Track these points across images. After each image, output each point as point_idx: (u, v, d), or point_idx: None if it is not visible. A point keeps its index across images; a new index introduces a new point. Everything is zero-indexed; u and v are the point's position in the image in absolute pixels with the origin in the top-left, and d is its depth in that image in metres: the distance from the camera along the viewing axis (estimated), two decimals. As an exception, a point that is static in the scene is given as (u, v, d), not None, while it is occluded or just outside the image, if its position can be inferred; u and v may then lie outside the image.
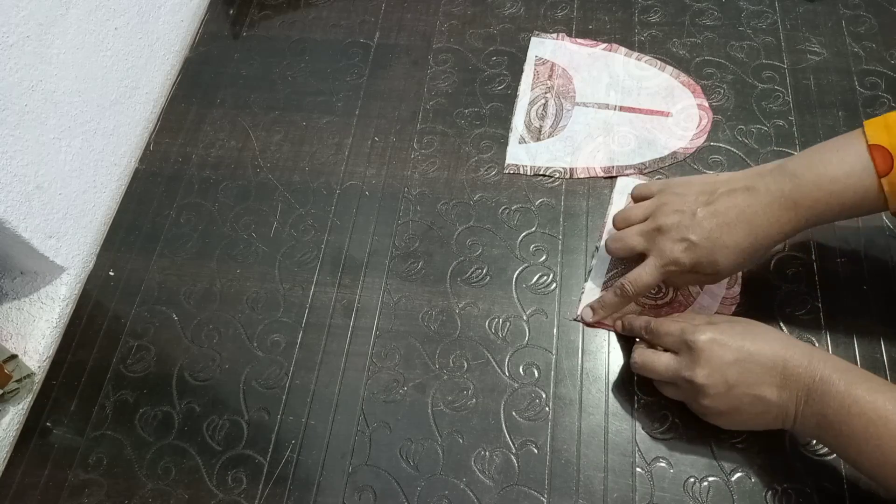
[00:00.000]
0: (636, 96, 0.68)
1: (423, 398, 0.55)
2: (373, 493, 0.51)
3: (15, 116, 0.54)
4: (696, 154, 0.64)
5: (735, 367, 0.46)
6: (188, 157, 0.69)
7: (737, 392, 0.46)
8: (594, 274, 0.59)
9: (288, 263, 0.62)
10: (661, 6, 0.74)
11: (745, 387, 0.46)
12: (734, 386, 0.46)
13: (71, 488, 0.53)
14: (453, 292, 0.59)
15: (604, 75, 0.69)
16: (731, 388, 0.46)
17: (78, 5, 0.60)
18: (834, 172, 0.46)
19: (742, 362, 0.46)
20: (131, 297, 0.61)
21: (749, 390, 0.46)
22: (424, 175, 0.66)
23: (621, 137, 0.65)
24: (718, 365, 0.46)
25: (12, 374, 0.55)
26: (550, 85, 0.69)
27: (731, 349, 0.46)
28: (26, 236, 0.56)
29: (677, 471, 0.50)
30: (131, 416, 0.56)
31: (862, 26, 0.71)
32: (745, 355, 0.46)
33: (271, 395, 0.56)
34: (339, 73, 0.73)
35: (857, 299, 0.56)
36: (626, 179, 0.63)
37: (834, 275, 0.57)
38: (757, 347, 0.46)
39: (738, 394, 0.46)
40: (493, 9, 0.76)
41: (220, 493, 0.52)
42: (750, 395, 0.46)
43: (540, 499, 0.50)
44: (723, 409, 0.47)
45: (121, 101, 0.67)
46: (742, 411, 0.47)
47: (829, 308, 0.56)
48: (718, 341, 0.47)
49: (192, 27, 0.77)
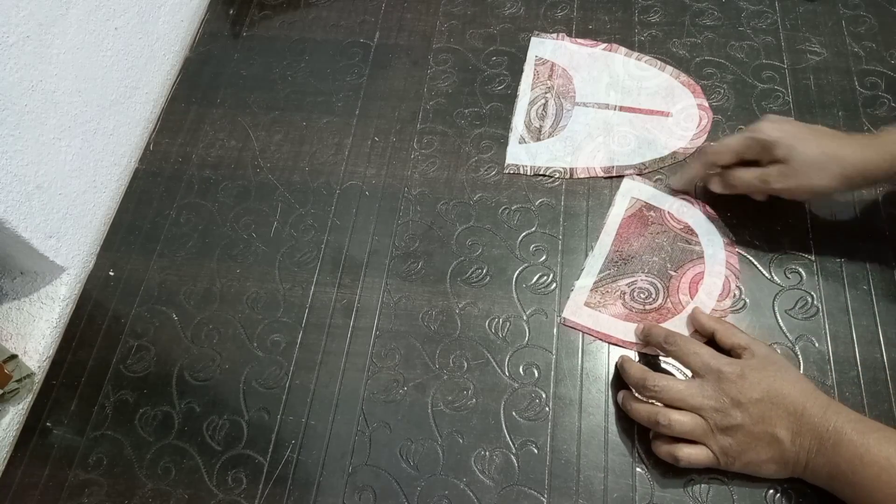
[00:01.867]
0: (636, 96, 0.68)
1: (423, 398, 0.55)
2: (373, 493, 0.51)
3: (15, 116, 0.54)
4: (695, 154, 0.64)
5: (759, 405, 0.46)
6: (188, 157, 0.69)
7: (757, 430, 0.46)
8: (587, 272, 0.59)
9: (288, 263, 0.62)
10: (661, 6, 0.74)
11: (765, 425, 0.46)
12: (756, 423, 0.46)
13: (71, 488, 0.53)
14: (453, 292, 0.59)
15: (604, 75, 0.69)
16: (754, 425, 0.46)
17: (78, 5, 0.60)
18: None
19: (766, 402, 0.46)
20: (131, 297, 0.61)
21: (768, 429, 0.46)
22: (424, 175, 0.66)
23: (621, 137, 0.65)
24: (745, 399, 0.46)
25: (12, 374, 0.55)
26: (550, 85, 0.69)
27: (759, 387, 0.46)
28: (26, 236, 0.56)
29: (677, 471, 0.50)
30: (131, 416, 0.56)
31: (862, 26, 0.71)
32: (771, 395, 0.46)
33: (271, 395, 0.56)
34: (339, 73, 0.73)
35: (858, 299, 0.56)
36: (631, 182, 0.63)
37: (834, 274, 0.57)
38: (783, 390, 0.46)
39: (758, 432, 0.46)
40: (493, 9, 0.76)
41: (220, 493, 0.52)
42: (768, 435, 0.46)
43: (540, 499, 0.50)
44: (738, 446, 0.47)
45: (121, 101, 0.67)
46: (758, 451, 0.46)
47: (829, 308, 0.56)
48: (748, 377, 0.47)
49: (192, 27, 0.77)
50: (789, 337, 0.55)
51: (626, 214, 0.61)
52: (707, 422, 0.47)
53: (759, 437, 0.46)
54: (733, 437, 0.47)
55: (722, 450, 0.47)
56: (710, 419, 0.47)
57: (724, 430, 0.47)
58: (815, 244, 0.58)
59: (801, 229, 0.59)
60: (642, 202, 0.61)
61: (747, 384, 0.47)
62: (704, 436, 0.47)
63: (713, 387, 0.47)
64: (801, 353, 0.54)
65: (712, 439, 0.47)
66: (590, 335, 0.56)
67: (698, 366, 0.49)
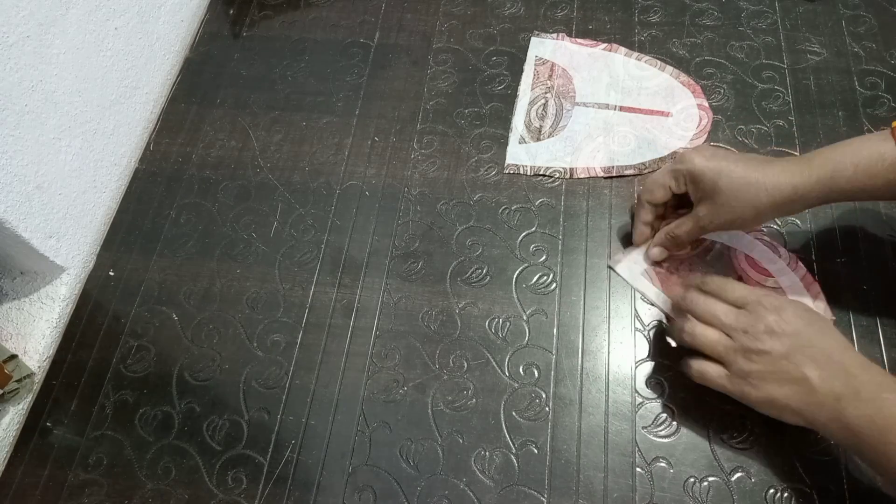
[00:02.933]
0: (636, 96, 0.68)
1: (423, 398, 0.55)
2: (373, 493, 0.51)
3: (15, 116, 0.54)
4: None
5: (794, 339, 0.45)
6: (188, 157, 0.69)
7: (784, 364, 0.44)
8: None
9: (288, 263, 0.62)
10: (661, 6, 0.74)
11: (795, 360, 0.44)
12: (786, 355, 0.44)
13: (71, 488, 0.53)
14: (453, 292, 0.59)
15: (604, 75, 0.69)
16: (782, 357, 0.44)
17: (78, 5, 0.60)
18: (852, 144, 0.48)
19: (801, 337, 0.45)
20: (131, 297, 0.61)
21: (797, 365, 0.44)
22: (424, 175, 0.66)
23: (621, 137, 0.65)
24: (779, 330, 0.45)
25: (12, 374, 0.55)
26: (550, 85, 0.69)
27: (797, 323, 0.45)
28: (26, 236, 0.56)
29: (677, 471, 0.50)
30: (131, 416, 0.56)
31: (862, 26, 0.71)
32: (809, 333, 0.45)
33: (271, 395, 0.56)
34: (339, 73, 0.73)
35: (858, 299, 0.56)
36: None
37: (834, 275, 0.57)
38: (823, 333, 0.45)
39: (785, 365, 0.44)
40: (493, 9, 0.76)
41: (220, 493, 0.52)
42: (796, 371, 0.44)
43: (540, 499, 0.50)
44: (761, 375, 0.45)
45: (121, 101, 0.67)
46: (781, 386, 0.45)
47: (830, 308, 0.56)
48: (788, 310, 0.46)
49: (192, 27, 0.77)
50: (789, 337, 0.55)
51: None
52: (734, 342, 0.46)
53: (785, 371, 0.44)
54: (758, 363, 0.45)
55: (742, 374, 0.46)
56: (737, 339, 0.46)
57: (750, 353, 0.45)
58: (815, 244, 0.58)
59: (802, 230, 0.59)
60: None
61: (786, 316, 0.45)
62: (727, 353, 0.46)
63: (750, 313, 0.47)
64: (801, 353, 0.54)
65: (734, 359, 0.46)
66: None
67: (737, 296, 0.48)
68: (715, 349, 0.47)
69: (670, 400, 0.53)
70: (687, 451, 0.51)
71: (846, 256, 0.58)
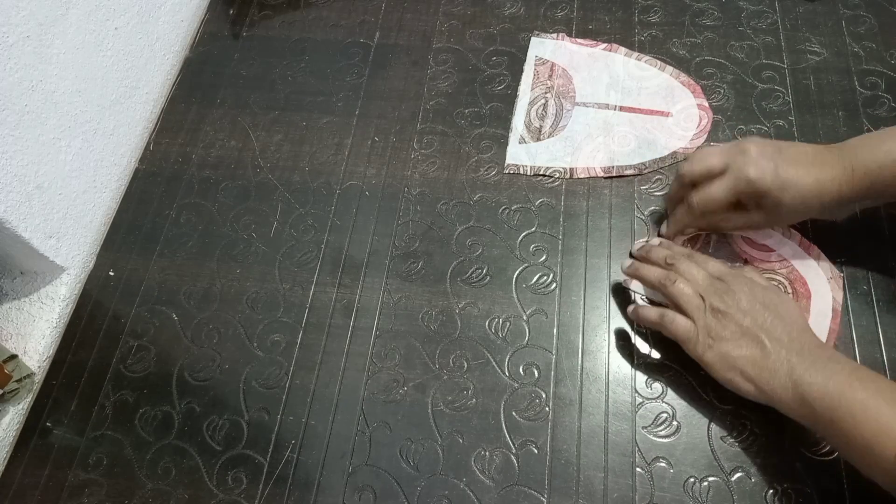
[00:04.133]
0: (636, 96, 0.68)
1: (423, 398, 0.55)
2: (373, 493, 0.51)
3: (15, 116, 0.54)
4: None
5: (759, 308, 0.48)
6: (188, 157, 0.69)
7: (745, 323, 0.47)
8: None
9: (288, 263, 0.62)
10: (661, 6, 0.74)
11: (757, 324, 0.47)
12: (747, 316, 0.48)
13: (71, 488, 0.53)
14: (453, 292, 0.59)
15: (604, 75, 0.69)
16: (744, 317, 0.48)
17: (78, 5, 0.60)
18: (889, 147, 0.49)
19: (768, 308, 0.48)
20: (131, 297, 0.61)
21: (757, 330, 0.47)
22: (424, 175, 0.66)
23: (621, 137, 0.65)
24: (746, 298, 0.48)
25: (12, 374, 0.55)
26: (550, 85, 0.69)
27: (766, 296, 0.49)
28: (26, 236, 0.56)
29: (677, 471, 0.50)
30: (131, 416, 0.56)
31: (862, 26, 0.71)
32: (776, 306, 0.48)
33: (271, 395, 0.56)
34: (339, 73, 0.73)
35: (857, 299, 0.56)
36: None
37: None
38: (790, 310, 0.48)
39: (746, 326, 0.47)
40: (493, 9, 0.76)
41: (220, 493, 0.52)
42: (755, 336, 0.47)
43: (540, 499, 0.50)
44: (720, 331, 0.48)
45: (121, 101, 0.67)
46: (739, 344, 0.47)
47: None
48: (759, 284, 0.50)
49: (192, 27, 0.77)
50: (789, 337, 0.55)
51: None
52: (704, 301, 0.49)
53: (744, 333, 0.47)
54: (720, 323, 0.48)
55: (706, 328, 0.49)
56: (709, 299, 0.49)
57: (718, 313, 0.48)
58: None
59: (802, 230, 0.59)
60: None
61: (757, 293, 0.49)
62: (697, 310, 0.49)
63: (726, 283, 0.50)
64: (801, 353, 0.54)
65: (702, 317, 0.49)
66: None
67: (717, 269, 0.52)
68: (690, 302, 0.50)
69: (670, 400, 0.53)
70: (687, 451, 0.51)
71: (846, 256, 0.58)
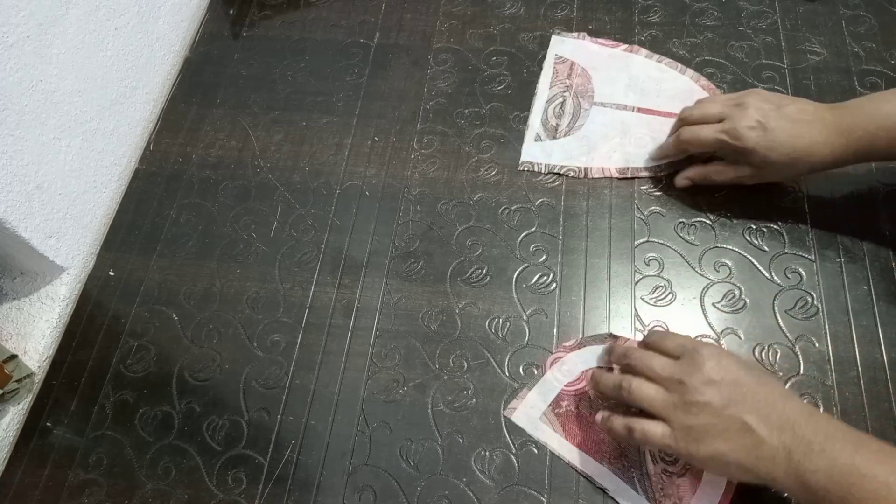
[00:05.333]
0: (655, 98, 0.67)
1: (423, 398, 0.55)
2: (373, 493, 0.51)
3: (15, 116, 0.54)
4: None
5: (734, 387, 0.43)
6: (188, 157, 0.69)
7: (726, 413, 0.42)
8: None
9: (288, 263, 0.62)
10: (661, 6, 0.74)
11: (737, 409, 0.42)
12: (727, 405, 0.42)
13: (71, 488, 0.53)
14: (453, 292, 0.59)
15: (623, 76, 0.69)
16: (724, 407, 0.42)
17: (78, 5, 0.60)
18: (891, 113, 0.51)
19: (742, 385, 0.43)
20: (131, 297, 0.61)
21: (740, 415, 0.42)
22: (424, 175, 0.66)
23: (638, 139, 0.65)
24: (718, 378, 0.43)
25: (12, 374, 0.55)
26: (569, 84, 0.69)
27: (736, 370, 0.44)
28: (26, 236, 0.56)
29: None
30: (131, 416, 0.56)
31: (862, 26, 0.71)
32: (749, 380, 0.43)
33: (271, 395, 0.56)
34: (339, 73, 0.73)
35: (857, 299, 0.56)
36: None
37: (834, 274, 0.57)
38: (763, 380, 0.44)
39: (728, 415, 0.42)
40: (493, 9, 0.76)
41: (220, 493, 0.52)
42: (739, 422, 0.42)
43: (540, 499, 0.50)
44: (703, 429, 0.42)
45: (121, 101, 0.67)
46: (727, 439, 0.42)
47: (829, 308, 0.56)
48: (726, 358, 0.44)
49: (192, 27, 0.77)
50: (789, 337, 0.55)
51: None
52: (672, 396, 0.44)
53: (728, 421, 0.42)
54: (698, 417, 0.43)
55: (684, 428, 0.43)
56: (676, 392, 0.44)
57: (690, 406, 0.43)
58: (815, 244, 0.58)
59: (802, 230, 0.59)
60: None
61: (724, 363, 0.44)
62: (666, 409, 0.44)
63: (687, 363, 0.44)
64: (801, 353, 0.54)
65: (674, 415, 0.44)
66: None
67: (675, 345, 0.46)
68: (654, 404, 0.45)
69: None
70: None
71: (846, 256, 0.58)
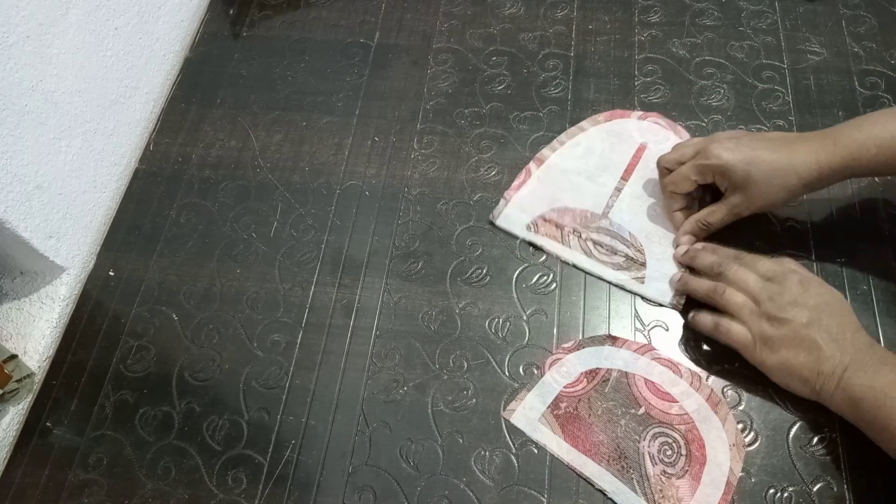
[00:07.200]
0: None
1: (423, 398, 0.55)
2: (373, 493, 0.51)
3: (15, 116, 0.54)
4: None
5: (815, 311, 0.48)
6: (188, 157, 0.69)
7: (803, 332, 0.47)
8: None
9: (288, 263, 0.62)
10: (661, 6, 0.74)
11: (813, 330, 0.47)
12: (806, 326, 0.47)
13: (71, 488, 0.53)
14: (453, 292, 0.59)
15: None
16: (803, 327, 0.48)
17: (78, 5, 0.60)
18: (875, 123, 0.51)
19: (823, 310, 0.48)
20: (131, 297, 0.61)
21: (814, 334, 0.47)
22: (424, 175, 0.66)
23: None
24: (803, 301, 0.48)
25: (12, 374, 0.55)
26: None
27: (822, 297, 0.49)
28: (26, 236, 0.56)
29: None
30: (131, 416, 0.56)
31: (862, 26, 0.71)
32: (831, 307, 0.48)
33: (271, 395, 0.56)
34: (339, 73, 0.73)
35: (858, 299, 0.56)
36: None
37: (834, 275, 0.57)
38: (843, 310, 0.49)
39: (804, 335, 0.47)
40: (493, 9, 0.76)
41: (220, 493, 0.52)
42: (812, 340, 0.47)
43: (540, 499, 0.51)
44: (780, 340, 0.48)
45: (121, 101, 0.67)
46: (797, 352, 0.48)
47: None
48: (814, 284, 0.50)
49: (192, 27, 0.77)
50: (789, 337, 0.55)
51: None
52: (759, 307, 0.49)
53: (802, 339, 0.47)
54: (779, 329, 0.48)
55: (763, 336, 0.49)
56: (762, 305, 0.49)
57: (773, 319, 0.48)
58: (815, 244, 0.58)
59: (801, 230, 0.59)
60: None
61: (811, 290, 0.49)
62: (751, 317, 0.50)
63: (778, 284, 0.50)
64: (801, 353, 0.54)
65: (757, 324, 0.49)
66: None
67: (767, 269, 0.51)
68: (742, 311, 0.50)
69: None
70: (687, 451, 0.51)
71: (846, 257, 0.58)
